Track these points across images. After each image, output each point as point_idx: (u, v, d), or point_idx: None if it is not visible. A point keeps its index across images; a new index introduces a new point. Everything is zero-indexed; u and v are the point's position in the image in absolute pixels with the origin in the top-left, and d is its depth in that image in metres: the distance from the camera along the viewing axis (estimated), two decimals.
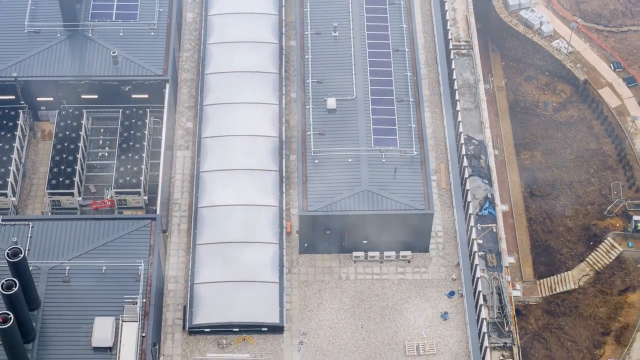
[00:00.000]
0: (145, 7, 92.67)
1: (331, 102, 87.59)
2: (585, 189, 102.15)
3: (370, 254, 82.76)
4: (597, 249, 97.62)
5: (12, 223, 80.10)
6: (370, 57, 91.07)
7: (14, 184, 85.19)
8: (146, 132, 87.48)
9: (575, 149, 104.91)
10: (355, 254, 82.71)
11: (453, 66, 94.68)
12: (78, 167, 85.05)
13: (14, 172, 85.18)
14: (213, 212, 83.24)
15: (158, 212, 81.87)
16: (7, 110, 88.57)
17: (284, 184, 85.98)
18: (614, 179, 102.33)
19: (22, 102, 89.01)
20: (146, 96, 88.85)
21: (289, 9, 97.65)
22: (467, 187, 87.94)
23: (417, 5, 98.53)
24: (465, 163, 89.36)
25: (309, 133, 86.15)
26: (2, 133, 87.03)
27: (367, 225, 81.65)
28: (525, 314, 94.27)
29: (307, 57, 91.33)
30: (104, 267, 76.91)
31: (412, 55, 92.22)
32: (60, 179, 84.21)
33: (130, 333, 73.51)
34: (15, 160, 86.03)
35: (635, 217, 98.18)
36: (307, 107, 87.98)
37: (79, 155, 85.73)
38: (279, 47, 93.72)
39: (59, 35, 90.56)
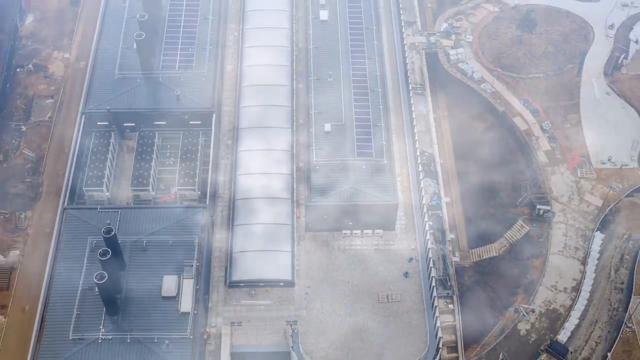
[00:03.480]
0: (198, 61, 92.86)
1: (327, 127, 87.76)
2: (504, 186, 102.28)
3: (354, 231, 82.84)
4: (512, 228, 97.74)
5: (107, 210, 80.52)
6: (355, 95, 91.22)
7: (107, 183, 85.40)
8: (199, 147, 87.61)
9: (496, 159, 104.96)
10: (344, 231, 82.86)
11: (412, 102, 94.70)
12: (152, 172, 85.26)
13: (107, 175, 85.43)
14: (245, 203, 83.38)
15: (207, 203, 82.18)
16: (103, 132, 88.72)
17: (294, 183, 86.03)
18: (523, 180, 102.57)
19: (113, 127, 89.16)
20: (199, 122, 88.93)
21: (298, 62, 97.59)
22: (422, 185, 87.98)
23: (387, 59, 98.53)
24: (420, 169, 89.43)
25: (312, 148, 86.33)
26: (100, 148, 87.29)
27: (352, 212, 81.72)
28: (462, 274, 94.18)
29: (310, 95, 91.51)
30: (170, 241, 77.35)
31: (384, 94, 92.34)
32: (140, 180, 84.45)
33: (188, 286, 73.91)
34: (109, 166, 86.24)
35: (538, 206, 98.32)
36: (311, 130, 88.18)
37: (153, 164, 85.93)
38: (291, 88, 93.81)
39: (138, 80, 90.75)
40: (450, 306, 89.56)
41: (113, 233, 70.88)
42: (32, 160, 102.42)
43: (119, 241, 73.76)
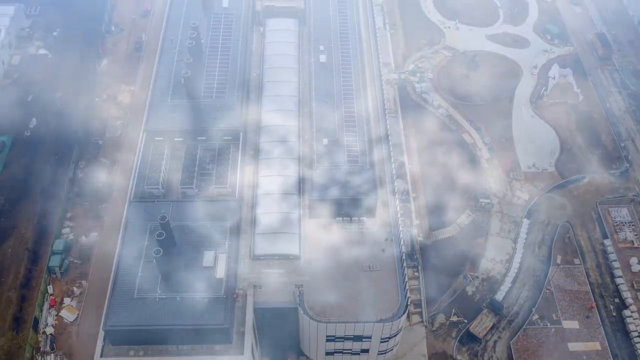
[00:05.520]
0: (230, 92, 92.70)
1: (325, 141, 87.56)
2: (456, 185, 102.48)
3: (345, 218, 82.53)
4: (462, 215, 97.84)
5: (162, 203, 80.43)
6: (345, 117, 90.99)
7: (162, 182, 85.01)
8: (230, 155, 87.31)
9: (450, 164, 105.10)
10: (337, 218, 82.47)
11: (387, 122, 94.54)
12: (195, 174, 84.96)
13: (162, 176, 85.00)
14: (265, 197, 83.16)
15: (236, 197, 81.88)
16: (159, 145, 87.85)
17: (301, 182, 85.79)
18: (470, 180, 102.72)
19: (167, 140, 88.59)
20: (230, 138, 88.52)
21: (303, 93, 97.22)
22: (395, 184, 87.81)
23: (369, 91, 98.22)
24: (394, 172, 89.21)
25: (314, 156, 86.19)
26: (157, 156, 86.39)
27: (344, 204, 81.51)
28: (425, 250, 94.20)
29: (312, 117, 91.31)
30: (209, 225, 77.16)
31: (367, 116, 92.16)
32: (186, 180, 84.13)
33: (222, 259, 73.99)
34: (163, 170, 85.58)
35: (481, 199, 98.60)
36: (313, 143, 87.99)
37: (196, 168, 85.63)
38: (298, 112, 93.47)
39: (185, 106, 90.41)
40: (416, 274, 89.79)
41: (166, 220, 70.85)
42: (107, 166, 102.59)
43: (171, 226, 73.70)
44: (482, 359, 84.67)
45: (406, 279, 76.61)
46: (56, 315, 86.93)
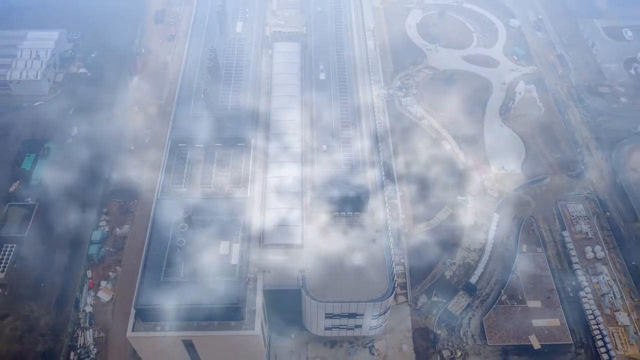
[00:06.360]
0: (243, 104, 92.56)
1: (324, 147, 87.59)
2: (436, 185, 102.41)
3: (341, 213, 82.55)
4: (441, 210, 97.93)
5: (184, 199, 79.95)
6: (342, 126, 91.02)
7: (185, 182, 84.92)
8: (242, 159, 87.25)
9: (432, 167, 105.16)
10: (334, 213, 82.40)
11: (377, 130, 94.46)
12: (213, 175, 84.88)
13: (185, 177, 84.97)
14: (272, 195, 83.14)
15: (248, 195, 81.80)
16: (182, 150, 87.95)
17: (303, 182, 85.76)
18: (453, 181, 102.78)
19: (188, 146, 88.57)
20: (243, 144, 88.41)
21: (306, 105, 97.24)
22: (384, 184, 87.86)
23: (362, 104, 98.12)
24: (383, 173, 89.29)
25: (314, 159, 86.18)
26: (180, 160, 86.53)
27: (340, 200, 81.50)
28: (409, 240, 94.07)
29: (314, 125, 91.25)
30: (225, 219, 77.03)
31: (360, 126, 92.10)
32: (206, 180, 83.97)
33: (236, 248, 73.87)
34: (186, 172, 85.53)
35: (458, 197, 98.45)
36: (314, 147, 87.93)
37: (214, 170, 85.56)
38: (301, 122, 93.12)
39: (205, 116, 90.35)
40: (402, 260, 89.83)
41: (189, 214, 70.89)
42: (137, 168, 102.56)
43: (192, 219, 73.71)
44: (458, 334, 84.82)
45: (393, 265, 76.71)
46: (94, 296, 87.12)
